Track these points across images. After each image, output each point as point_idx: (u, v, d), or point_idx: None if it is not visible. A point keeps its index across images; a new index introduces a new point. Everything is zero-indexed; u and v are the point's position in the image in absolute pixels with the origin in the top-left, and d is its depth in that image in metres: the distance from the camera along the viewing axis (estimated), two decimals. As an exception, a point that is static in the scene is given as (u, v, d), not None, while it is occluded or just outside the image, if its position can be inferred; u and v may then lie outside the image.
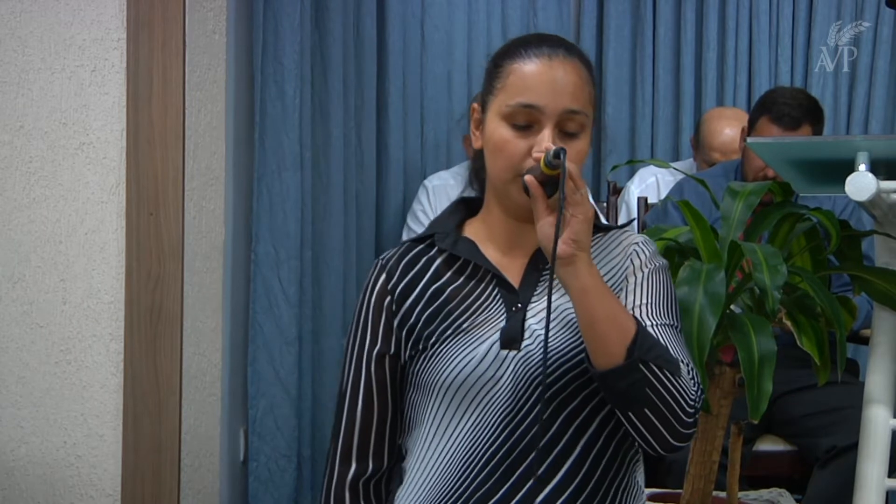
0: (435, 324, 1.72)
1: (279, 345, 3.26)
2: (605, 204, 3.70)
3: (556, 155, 1.58)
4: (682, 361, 1.62)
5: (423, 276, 1.77)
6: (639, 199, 3.55)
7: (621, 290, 1.71)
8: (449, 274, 1.76)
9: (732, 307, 2.01)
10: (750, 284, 1.98)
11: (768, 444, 2.98)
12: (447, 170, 3.71)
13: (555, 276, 1.60)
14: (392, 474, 1.79)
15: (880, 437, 2.09)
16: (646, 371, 1.56)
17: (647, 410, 1.57)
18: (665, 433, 1.58)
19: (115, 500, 2.69)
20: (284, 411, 3.28)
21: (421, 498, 1.71)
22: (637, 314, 1.66)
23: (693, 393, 1.59)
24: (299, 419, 3.32)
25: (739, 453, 2.12)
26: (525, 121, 1.67)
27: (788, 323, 1.99)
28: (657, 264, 1.73)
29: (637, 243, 1.74)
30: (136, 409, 2.70)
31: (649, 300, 1.68)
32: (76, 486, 2.70)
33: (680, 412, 1.58)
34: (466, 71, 3.95)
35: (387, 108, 3.70)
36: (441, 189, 3.59)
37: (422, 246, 1.80)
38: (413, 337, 1.74)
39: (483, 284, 1.74)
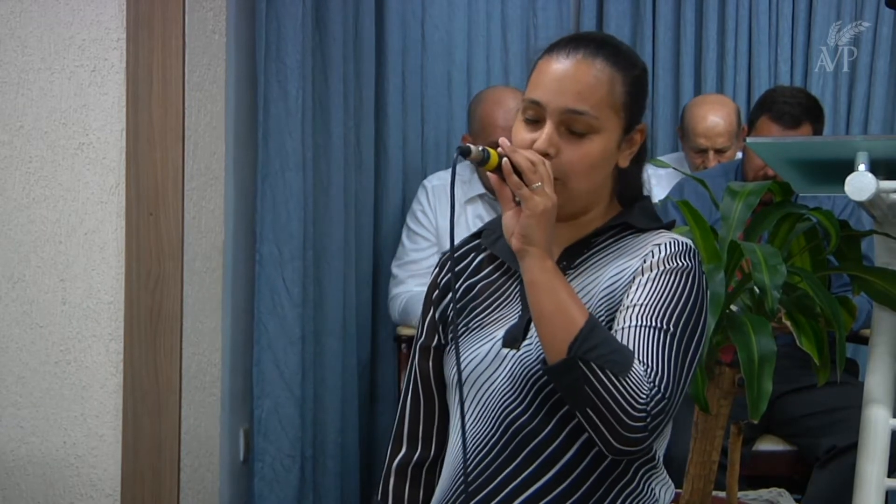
0: (459, 319, 1.75)
1: (283, 345, 3.27)
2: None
3: (461, 151, 1.59)
4: (647, 365, 1.57)
5: (465, 271, 1.80)
6: (639, 199, 3.55)
7: (625, 289, 1.67)
8: (487, 270, 1.78)
9: (732, 307, 2.01)
10: (749, 284, 1.98)
11: (768, 444, 2.99)
12: (447, 170, 3.70)
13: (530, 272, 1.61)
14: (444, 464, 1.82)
15: (880, 437, 2.09)
16: (585, 369, 1.53)
17: (588, 410, 1.54)
18: (607, 434, 1.55)
19: (115, 500, 2.69)
20: (289, 411, 3.28)
21: (440, 491, 1.76)
22: (627, 314, 1.62)
23: (643, 397, 1.53)
24: (303, 419, 3.32)
25: (739, 453, 2.12)
26: (533, 117, 1.68)
27: (788, 323, 1.98)
28: (672, 266, 1.65)
29: (659, 244, 1.68)
30: (135, 409, 2.70)
31: (646, 301, 1.62)
32: (76, 486, 2.70)
33: (622, 415, 1.53)
34: (466, 71, 3.95)
35: (386, 108, 3.70)
36: (441, 189, 3.58)
37: (477, 241, 1.83)
38: (445, 330, 1.79)
39: (509, 282, 1.75)
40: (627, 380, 1.54)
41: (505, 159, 1.59)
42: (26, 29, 2.72)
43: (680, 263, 1.66)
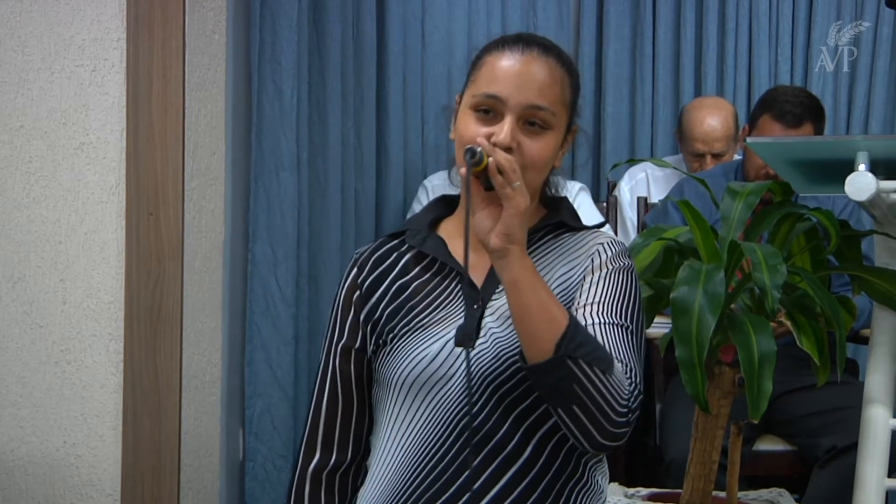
0: (396, 319, 1.74)
1: (276, 345, 3.27)
2: (605, 204, 3.70)
3: (471, 153, 1.60)
4: (620, 361, 1.61)
5: (391, 272, 1.79)
6: (638, 199, 3.55)
7: (578, 289, 1.70)
8: (416, 270, 1.78)
9: (732, 307, 2.01)
10: (749, 284, 1.98)
11: (768, 444, 2.99)
12: (447, 170, 3.71)
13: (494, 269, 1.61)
14: (359, 470, 1.80)
15: (880, 437, 2.09)
16: (574, 367, 1.54)
17: (575, 407, 1.55)
18: (593, 431, 1.56)
19: (115, 500, 2.70)
20: (282, 411, 3.28)
21: (377, 495, 1.72)
22: (585, 312, 1.65)
23: (626, 393, 1.57)
24: (296, 419, 3.32)
25: (739, 453, 2.12)
26: (489, 111, 1.70)
27: (788, 323, 1.98)
28: (619, 265, 1.71)
29: (602, 244, 1.74)
30: (135, 409, 2.70)
31: (602, 299, 1.67)
32: (76, 486, 2.71)
33: (609, 411, 1.56)
34: (466, 71, 3.95)
35: (387, 109, 3.70)
36: (441, 189, 3.58)
37: (395, 241, 1.83)
38: (376, 332, 1.76)
39: (447, 281, 1.75)
40: (613, 377, 1.57)
41: (491, 159, 1.60)
42: (26, 29, 2.72)
43: (624, 263, 1.73)
